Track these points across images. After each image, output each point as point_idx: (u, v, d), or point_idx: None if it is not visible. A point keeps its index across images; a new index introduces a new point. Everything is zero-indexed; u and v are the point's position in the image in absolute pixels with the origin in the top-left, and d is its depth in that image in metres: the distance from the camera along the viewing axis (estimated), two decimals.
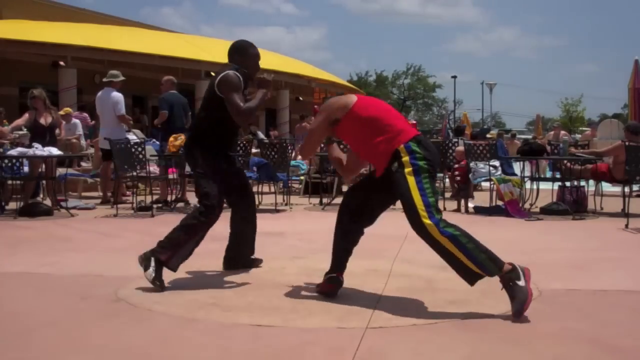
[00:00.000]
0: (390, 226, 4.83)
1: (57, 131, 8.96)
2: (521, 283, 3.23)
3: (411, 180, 3.41)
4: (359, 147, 3.76)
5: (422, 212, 3.33)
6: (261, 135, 8.46)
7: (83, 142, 11.82)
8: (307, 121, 18.52)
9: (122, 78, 9.31)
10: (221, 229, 6.71)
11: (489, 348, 2.83)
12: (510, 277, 3.26)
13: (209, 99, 4.20)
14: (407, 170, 3.42)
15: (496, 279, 3.34)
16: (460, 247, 3.29)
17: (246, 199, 4.55)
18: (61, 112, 11.76)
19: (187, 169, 9.22)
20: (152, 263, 3.90)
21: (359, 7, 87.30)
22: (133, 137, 10.06)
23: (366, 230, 3.87)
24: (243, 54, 4.33)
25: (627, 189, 7.84)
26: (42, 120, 8.59)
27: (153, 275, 3.87)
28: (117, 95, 9.09)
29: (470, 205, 8.52)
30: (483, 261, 3.29)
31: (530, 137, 26.40)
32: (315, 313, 3.40)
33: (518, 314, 3.22)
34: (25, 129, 8.83)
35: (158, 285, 3.86)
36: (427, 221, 3.32)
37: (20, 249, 5.50)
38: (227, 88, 4.03)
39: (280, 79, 20.96)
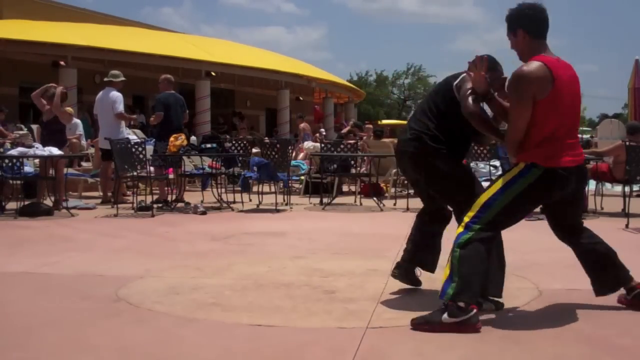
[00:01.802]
0: (390, 226, 4.84)
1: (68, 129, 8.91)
2: (447, 318, 3.01)
3: (506, 177, 3.22)
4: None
5: (470, 212, 3.17)
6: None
7: (83, 142, 11.82)
8: (306, 121, 18.53)
9: (122, 78, 9.32)
10: (222, 229, 6.74)
11: (489, 348, 2.83)
12: (456, 306, 3.03)
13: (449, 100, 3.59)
14: (516, 169, 3.20)
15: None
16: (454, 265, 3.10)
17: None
18: None
19: (187, 168, 9.28)
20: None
21: (360, 6, 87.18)
22: (133, 137, 10.07)
23: (366, 230, 3.88)
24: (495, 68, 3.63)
25: (627, 189, 7.84)
26: (44, 117, 8.64)
27: None
28: (116, 94, 9.11)
29: None
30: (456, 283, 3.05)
31: None
32: (315, 313, 3.40)
33: (417, 322, 3.07)
34: (25, 129, 8.85)
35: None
36: (462, 226, 3.18)
37: (20, 249, 5.50)
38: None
39: (280, 79, 20.96)
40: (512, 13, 3.31)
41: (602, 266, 3.43)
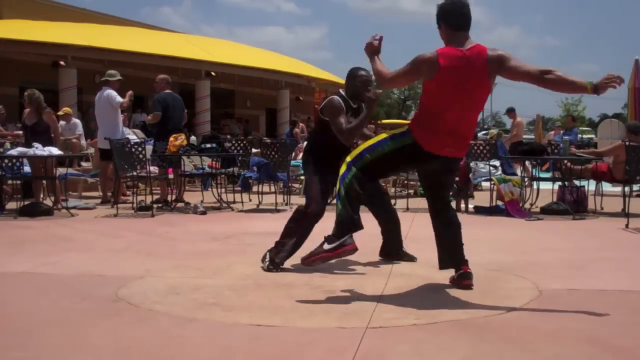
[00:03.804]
0: None
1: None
2: (327, 245, 3.79)
3: (382, 135, 3.79)
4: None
5: (353, 155, 3.74)
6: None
7: (83, 142, 11.82)
8: (302, 121, 18.51)
9: (119, 77, 9.32)
10: (222, 229, 6.73)
11: (489, 348, 2.83)
12: (332, 237, 3.77)
13: (317, 121, 4.88)
14: (402, 128, 3.76)
15: (492, 279, 3.36)
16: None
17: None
18: (60, 112, 11.76)
19: (187, 168, 9.27)
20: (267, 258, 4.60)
21: (361, 5, 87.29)
22: (133, 137, 10.07)
23: (366, 230, 3.91)
24: (349, 77, 4.79)
25: (627, 189, 7.84)
26: (26, 121, 8.61)
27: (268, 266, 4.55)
28: (109, 91, 9.12)
29: (470, 205, 8.52)
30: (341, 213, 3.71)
31: (532, 137, 26.41)
32: (315, 313, 3.40)
33: (305, 258, 3.97)
34: None
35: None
36: (345, 165, 3.75)
37: (20, 249, 5.50)
38: (330, 112, 4.52)
39: (280, 79, 20.95)
40: (437, 9, 3.77)
41: (452, 244, 3.87)
